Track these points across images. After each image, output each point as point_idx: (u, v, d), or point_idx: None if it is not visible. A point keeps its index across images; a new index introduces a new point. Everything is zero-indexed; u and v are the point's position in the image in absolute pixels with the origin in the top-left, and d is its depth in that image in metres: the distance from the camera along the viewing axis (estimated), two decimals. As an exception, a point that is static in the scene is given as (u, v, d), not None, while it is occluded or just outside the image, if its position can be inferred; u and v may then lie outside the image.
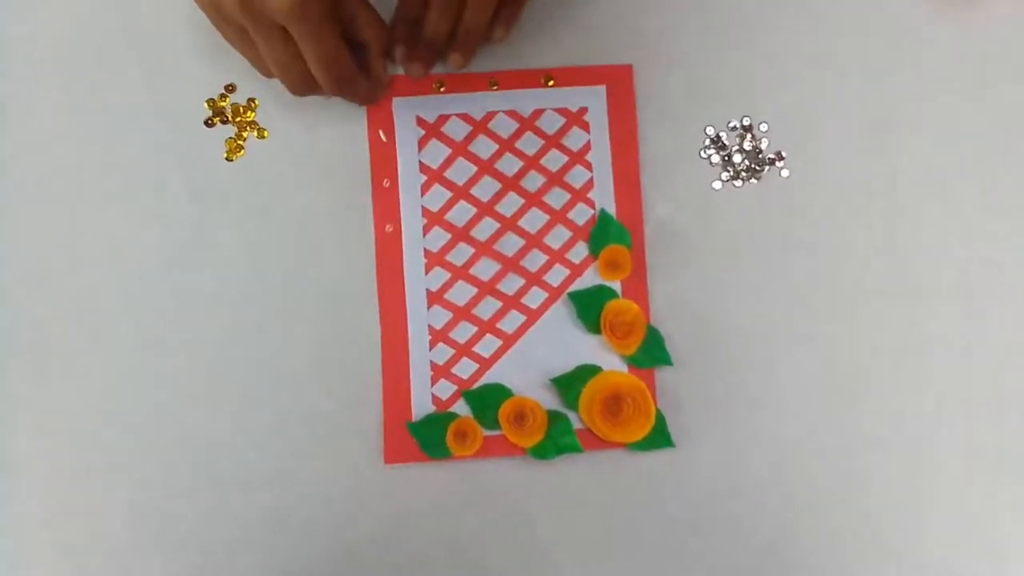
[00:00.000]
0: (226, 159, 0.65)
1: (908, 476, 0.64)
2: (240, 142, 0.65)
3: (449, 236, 0.65)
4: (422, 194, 0.65)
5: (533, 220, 0.65)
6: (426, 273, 0.65)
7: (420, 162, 0.65)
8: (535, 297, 0.65)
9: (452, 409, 0.64)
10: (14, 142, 0.65)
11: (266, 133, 0.65)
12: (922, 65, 0.67)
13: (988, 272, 0.66)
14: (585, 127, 0.66)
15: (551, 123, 0.66)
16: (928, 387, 0.65)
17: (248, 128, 0.65)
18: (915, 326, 0.65)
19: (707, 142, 0.66)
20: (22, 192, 0.64)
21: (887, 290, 0.66)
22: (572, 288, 0.65)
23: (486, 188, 0.65)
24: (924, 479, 0.64)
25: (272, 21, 0.54)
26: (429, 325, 0.64)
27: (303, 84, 0.59)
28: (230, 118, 0.65)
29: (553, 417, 0.63)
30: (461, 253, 0.65)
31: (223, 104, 0.65)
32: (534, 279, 0.65)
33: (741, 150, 0.66)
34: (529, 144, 0.65)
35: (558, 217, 0.65)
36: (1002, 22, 0.68)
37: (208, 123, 0.65)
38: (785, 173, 0.66)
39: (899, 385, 0.65)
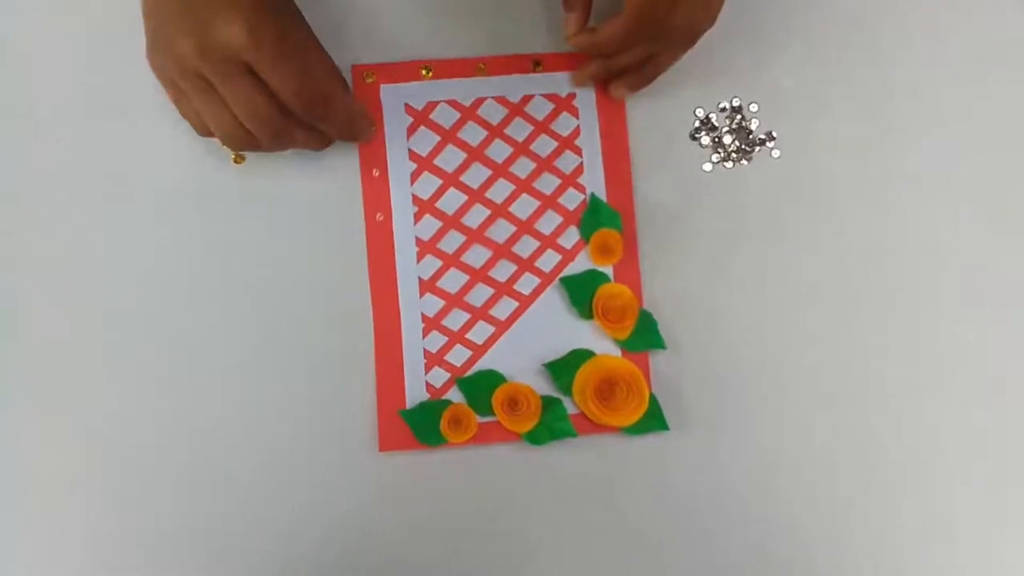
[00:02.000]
0: (213, 151, 0.65)
1: (905, 456, 0.64)
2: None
3: (440, 224, 0.65)
4: (412, 182, 0.65)
5: (524, 206, 0.65)
6: (418, 261, 0.65)
7: (409, 150, 0.65)
8: (527, 283, 0.65)
9: (446, 396, 0.64)
10: (16, 144, 0.65)
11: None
12: (913, 43, 0.67)
13: (983, 251, 0.66)
14: (574, 112, 0.66)
15: (540, 109, 0.65)
16: (923, 362, 0.65)
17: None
18: (909, 306, 0.65)
19: (697, 124, 0.66)
20: (22, 193, 0.64)
21: (880, 270, 0.65)
22: (564, 273, 0.65)
23: (476, 175, 0.65)
24: (921, 455, 0.65)
25: (236, 59, 0.53)
26: (422, 313, 0.64)
27: (275, 127, 0.56)
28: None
29: (547, 402, 0.64)
30: (452, 240, 0.65)
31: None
32: (526, 265, 0.65)
33: (731, 131, 0.66)
34: (518, 130, 0.65)
35: (549, 203, 0.65)
36: (999, 4, 0.67)
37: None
38: (776, 153, 0.66)
39: (894, 365, 0.65)
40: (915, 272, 0.65)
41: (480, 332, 0.64)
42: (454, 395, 0.64)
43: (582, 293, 0.64)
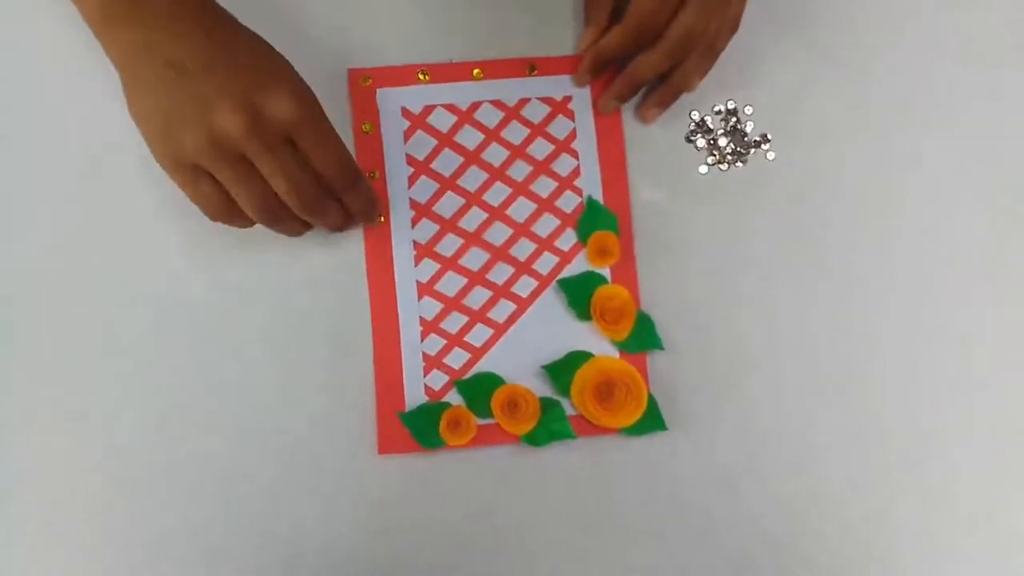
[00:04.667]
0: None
1: (904, 454, 0.65)
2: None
3: (438, 227, 0.65)
4: (409, 186, 0.65)
5: (521, 209, 0.65)
6: (416, 265, 0.65)
7: (407, 154, 0.65)
8: (525, 285, 0.65)
9: (445, 399, 0.64)
10: (15, 142, 0.65)
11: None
12: (906, 44, 0.68)
13: (976, 251, 0.66)
14: (570, 115, 0.66)
15: (536, 112, 0.66)
16: (919, 368, 0.65)
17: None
18: (904, 307, 0.66)
19: (692, 126, 0.67)
20: (21, 193, 0.64)
21: (875, 271, 0.66)
22: (562, 275, 0.65)
23: (473, 178, 0.65)
24: (922, 454, 0.65)
25: (284, 132, 0.53)
26: (420, 316, 0.64)
27: (314, 198, 0.56)
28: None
29: (546, 404, 0.64)
30: (450, 244, 0.65)
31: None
32: (524, 268, 0.65)
33: (726, 134, 0.67)
34: (515, 133, 0.66)
35: (546, 205, 0.65)
36: (991, 4, 0.68)
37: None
38: (771, 156, 0.67)
39: (889, 366, 0.65)
40: (912, 271, 0.66)
41: (479, 335, 0.64)
42: (453, 397, 0.64)
43: (580, 295, 0.65)
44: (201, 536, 0.63)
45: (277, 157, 0.53)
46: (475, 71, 0.66)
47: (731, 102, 0.67)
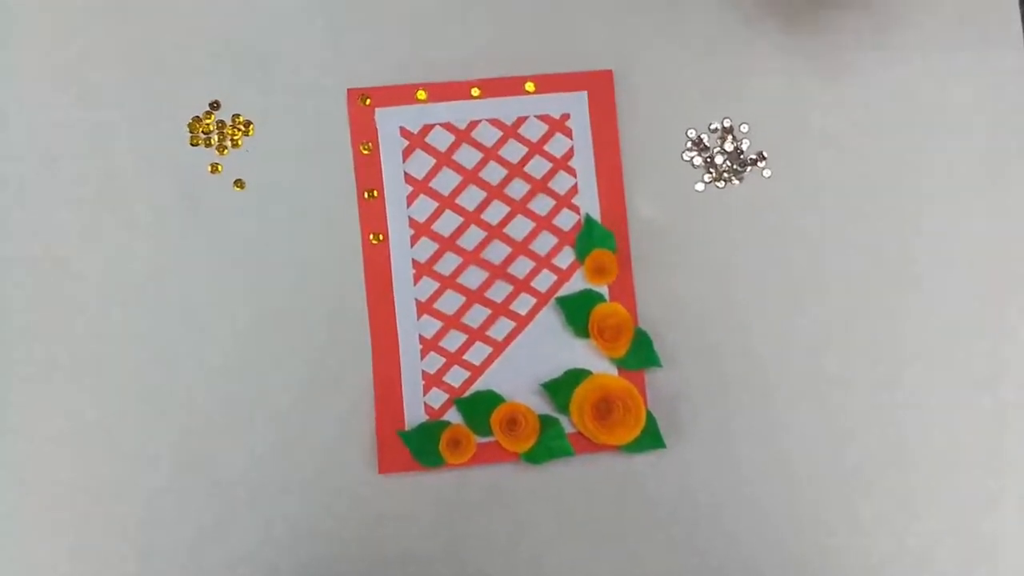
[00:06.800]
0: (211, 174, 0.65)
1: (899, 474, 0.65)
2: (225, 156, 0.65)
3: (436, 246, 0.65)
4: (408, 205, 0.65)
5: (519, 227, 0.66)
6: (415, 283, 0.65)
7: (405, 173, 0.66)
8: (523, 303, 0.65)
9: (445, 417, 0.64)
10: (11, 151, 0.65)
11: (250, 149, 0.65)
12: (904, 62, 0.68)
13: (973, 261, 0.67)
14: (568, 133, 0.66)
15: (534, 130, 0.66)
16: (917, 384, 0.66)
17: (233, 144, 0.65)
18: (901, 321, 0.66)
19: (689, 144, 0.67)
20: (20, 199, 0.65)
21: (871, 286, 0.66)
22: (560, 293, 0.66)
23: (471, 197, 0.66)
24: (915, 476, 0.65)
25: None
26: (419, 335, 0.65)
27: None
28: (214, 136, 0.65)
29: (545, 422, 0.64)
30: (449, 262, 0.65)
31: (208, 121, 0.65)
32: (522, 286, 0.65)
33: (723, 151, 0.67)
34: (513, 152, 0.66)
35: (543, 223, 0.66)
36: (987, 12, 0.69)
37: (193, 140, 0.65)
38: (767, 173, 0.67)
39: (888, 383, 0.66)
40: (908, 288, 0.66)
41: (478, 353, 0.65)
42: (453, 416, 0.64)
43: (578, 313, 0.65)
44: (203, 555, 0.63)
45: None
46: (473, 90, 0.66)
47: (727, 120, 0.67)
